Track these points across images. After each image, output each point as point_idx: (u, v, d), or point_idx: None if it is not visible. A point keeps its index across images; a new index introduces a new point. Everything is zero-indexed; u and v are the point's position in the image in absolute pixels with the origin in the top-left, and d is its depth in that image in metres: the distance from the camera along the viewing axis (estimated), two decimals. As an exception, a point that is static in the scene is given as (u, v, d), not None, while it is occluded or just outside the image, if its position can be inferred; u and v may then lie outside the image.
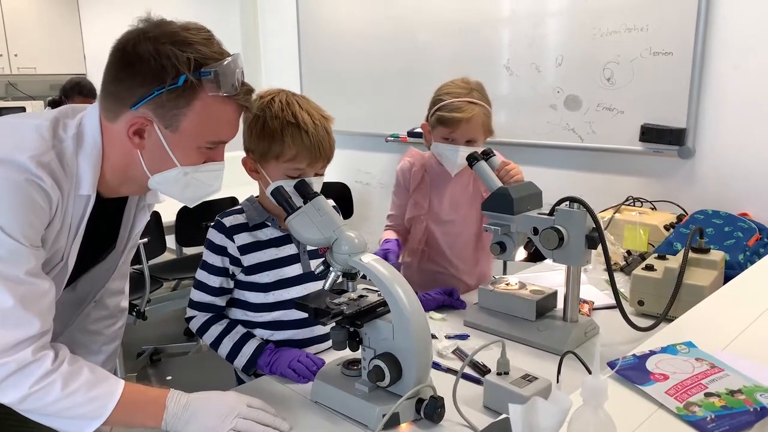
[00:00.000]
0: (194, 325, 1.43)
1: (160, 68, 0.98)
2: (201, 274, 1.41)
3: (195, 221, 3.01)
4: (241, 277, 1.41)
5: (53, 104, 4.40)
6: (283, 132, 1.32)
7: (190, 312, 1.43)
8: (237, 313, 1.44)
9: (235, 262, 1.39)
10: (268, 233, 1.41)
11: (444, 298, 1.71)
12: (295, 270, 1.43)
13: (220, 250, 1.39)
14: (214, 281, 1.39)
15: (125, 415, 1.04)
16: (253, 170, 1.39)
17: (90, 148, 1.06)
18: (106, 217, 1.18)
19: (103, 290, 1.33)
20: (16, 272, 0.96)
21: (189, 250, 3.77)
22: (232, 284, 1.42)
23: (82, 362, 1.03)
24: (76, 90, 4.23)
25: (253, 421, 1.07)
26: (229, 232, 1.38)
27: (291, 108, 1.34)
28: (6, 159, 0.95)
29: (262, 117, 1.33)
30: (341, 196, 3.67)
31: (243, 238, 1.39)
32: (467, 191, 1.94)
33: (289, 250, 1.43)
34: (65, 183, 1.02)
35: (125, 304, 1.45)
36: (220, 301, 1.42)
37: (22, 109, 5.69)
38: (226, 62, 1.02)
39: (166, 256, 3.49)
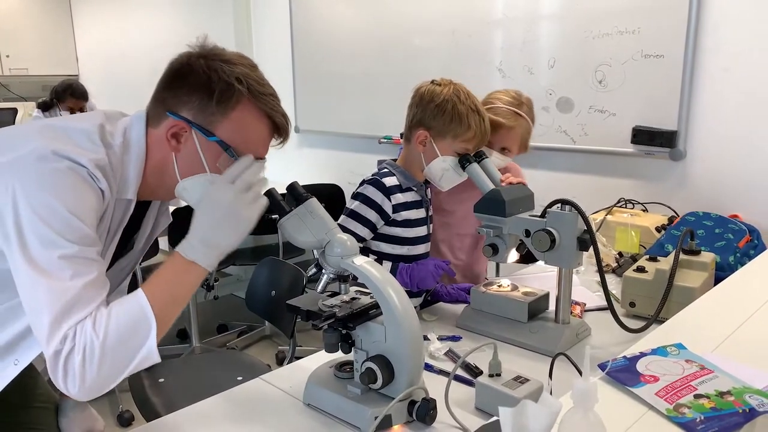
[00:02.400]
0: None
1: (207, 79, 1.08)
2: (350, 222, 1.64)
3: (188, 224, 3.01)
4: (384, 230, 1.68)
5: (44, 106, 4.38)
6: (468, 117, 1.61)
7: None
8: None
9: (385, 217, 1.66)
10: (410, 196, 1.70)
11: (461, 295, 1.76)
12: (424, 231, 1.74)
13: (376, 206, 1.64)
14: (362, 230, 1.64)
15: (170, 303, 1.04)
16: (422, 143, 1.66)
17: (136, 155, 1.12)
18: (130, 219, 1.20)
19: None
20: (91, 254, 1.00)
21: (182, 252, 3.76)
22: (371, 236, 1.68)
23: (100, 307, 1.01)
24: (68, 92, 4.23)
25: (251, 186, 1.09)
26: (388, 191, 1.65)
27: (471, 98, 1.65)
28: (70, 156, 1.00)
29: (451, 101, 1.61)
30: (334, 198, 3.66)
31: (397, 198, 1.66)
32: (472, 187, 1.95)
33: (423, 213, 1.73)
34: (114, 187, 1.08)
35: None
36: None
37: (14, 111, 5.66)
38: (265, 82, 1.13)
39: (159, 258, 3.49)
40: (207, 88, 1.08)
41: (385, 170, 1.71)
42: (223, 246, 1.07)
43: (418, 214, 1.72)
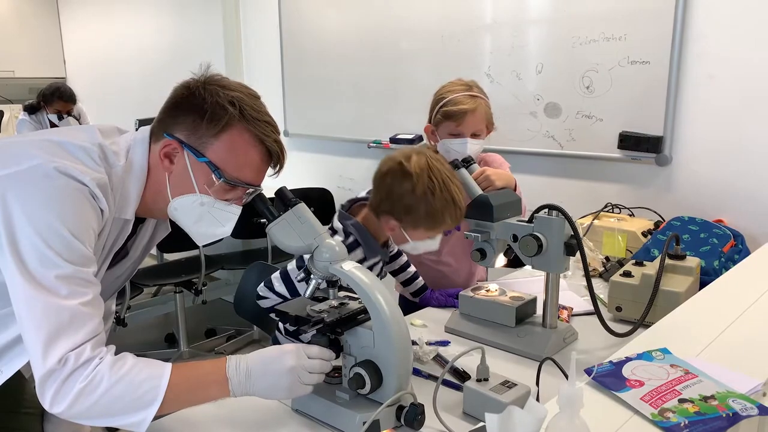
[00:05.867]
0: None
1: (202, 100, 1.10)
2: (293, 271, 1.47)
3: (175, 228, 3.00)
4: None
5: (30, 109, 4.34)
6: (443, 213, 1.43)
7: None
8: None
9: None
10: (371, 262, 1.58)
11: (450, 300, 1.77)
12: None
13: None
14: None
15: (185, 395, 1.05)
16: (391, 229, 1.49)
17: (137, 176, 1.14)
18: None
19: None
20: (88, 276, 1.01)
21: (170, 256, 3.75)
22: None
23: (124, 352, 1.04)
24: (56, 95, 4.20)
25: (318, 373, 1.11)
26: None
27: (447, 186, 1.43)
28: (73, 174, 1.02)
29: (425, 200, 1.41)
30: (323, 202, 3.66)
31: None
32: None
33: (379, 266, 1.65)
34: (113, 206, 1.09)
35: (114, 306, 1.47)
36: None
37: (0, 113, 5.61)
38: (262, 110, 1.14)
39: (147, 262, 3.46)
40: (200, 110, 1.10)
41: (351, 241, 1.53)
42: (260, 394, 1.09)
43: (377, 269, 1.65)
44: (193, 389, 1.06)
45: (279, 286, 1.47)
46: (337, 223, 1.55)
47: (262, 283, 1.51)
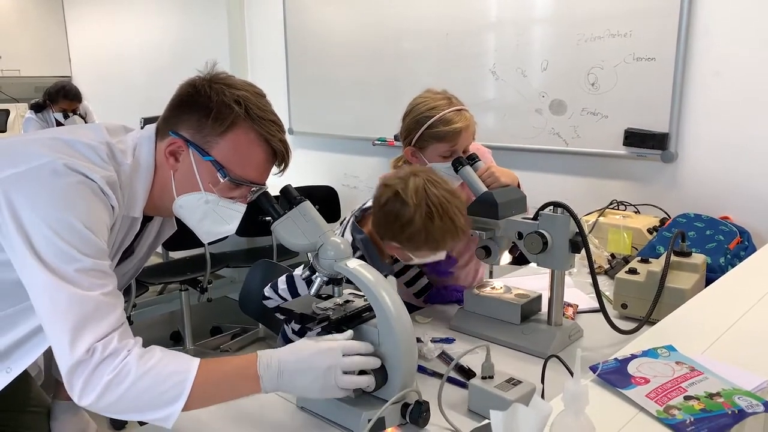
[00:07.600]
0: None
1: (207, 99, 1.10)
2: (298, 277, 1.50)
3: (181, 226, 3.00)
4: None
5: (36, 107, 4.36)
6: (444, 237, 1.42)
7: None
8: None
9: None
10: None
11: (455, 296, 1.77)
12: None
13: None
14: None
15: (213, 392, 1.04)
16: (393, 248, 1.50)
17: (144, 174, 1.14)
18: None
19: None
20: (105, 267, 1.01)
21: (175, 255, 3.76)
22: None
23: (153, 345, 1.03)
24: (61, 93, 4.20)
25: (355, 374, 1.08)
26: None
27: (447, 212, 1.41)
28: (82, 171, 1.02)
29: (424, 230, 1.40)
30: (329, 200, 3.67)
31: None
32: None
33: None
34: (122, 204, 1.10)
35: None
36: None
37: (6, 112, 5.63)
38: (267, 109, 1.14)
39: (153, 260, 3.48)
40: (206, 108, 1.10)
41: (358, 256, 1.51)
42: (294, 392, 1.09)
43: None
44: (222, 386, 1.04)
45: (283, 291, 1.49)
46: (348, 235, 1.54)
47: (269, 285, 1.53)
